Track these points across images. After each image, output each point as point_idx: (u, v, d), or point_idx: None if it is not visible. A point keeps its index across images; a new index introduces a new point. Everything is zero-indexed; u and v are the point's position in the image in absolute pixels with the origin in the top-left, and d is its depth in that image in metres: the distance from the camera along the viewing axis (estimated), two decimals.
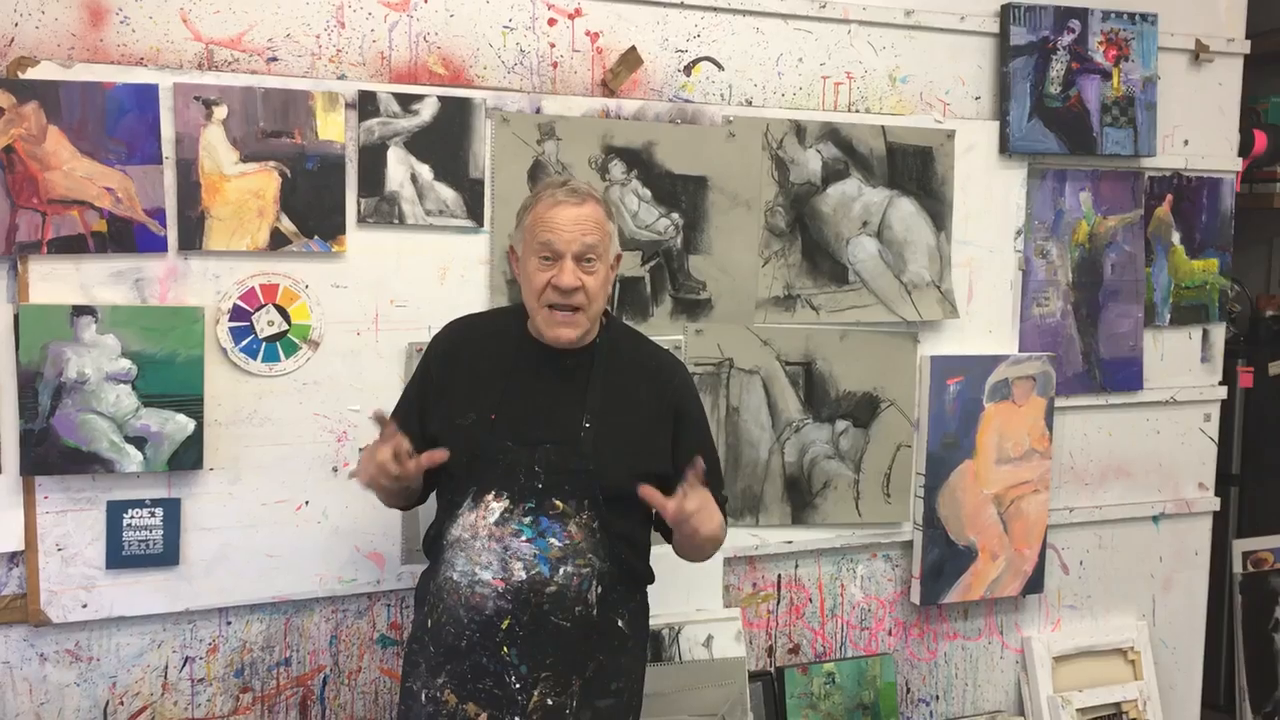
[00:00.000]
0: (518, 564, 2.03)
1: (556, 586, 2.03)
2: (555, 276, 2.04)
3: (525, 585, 2.02)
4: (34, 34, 2.25)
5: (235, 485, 2.44)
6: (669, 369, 2.25)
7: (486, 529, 2.04)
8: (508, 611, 2.02)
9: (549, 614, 2.03)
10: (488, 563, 2.04)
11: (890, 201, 2.93)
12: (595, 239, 2.05)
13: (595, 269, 2.06)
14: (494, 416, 2.09)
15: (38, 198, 2.25)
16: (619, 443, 2.10)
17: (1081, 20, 3.07)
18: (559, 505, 2.05)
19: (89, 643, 2.39)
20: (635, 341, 2.27)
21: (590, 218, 2.06)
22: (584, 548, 2.06)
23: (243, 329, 2.41)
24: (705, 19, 2.76)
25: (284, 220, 2.42)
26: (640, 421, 2.15)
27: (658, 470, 2.12)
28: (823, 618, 3.04)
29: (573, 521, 2.05)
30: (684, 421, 2.20)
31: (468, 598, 2.04)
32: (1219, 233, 3.34)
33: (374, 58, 2.50)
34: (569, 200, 2.06)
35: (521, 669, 2.02)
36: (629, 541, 2.13)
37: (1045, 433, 3.11)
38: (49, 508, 2.31)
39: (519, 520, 2.04)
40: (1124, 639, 3.33)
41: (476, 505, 2.06)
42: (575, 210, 2.05)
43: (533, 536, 2.04)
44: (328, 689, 2.59)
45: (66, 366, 2.27)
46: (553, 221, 2.05)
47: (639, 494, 2.01)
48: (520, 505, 2.05)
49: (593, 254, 2.05)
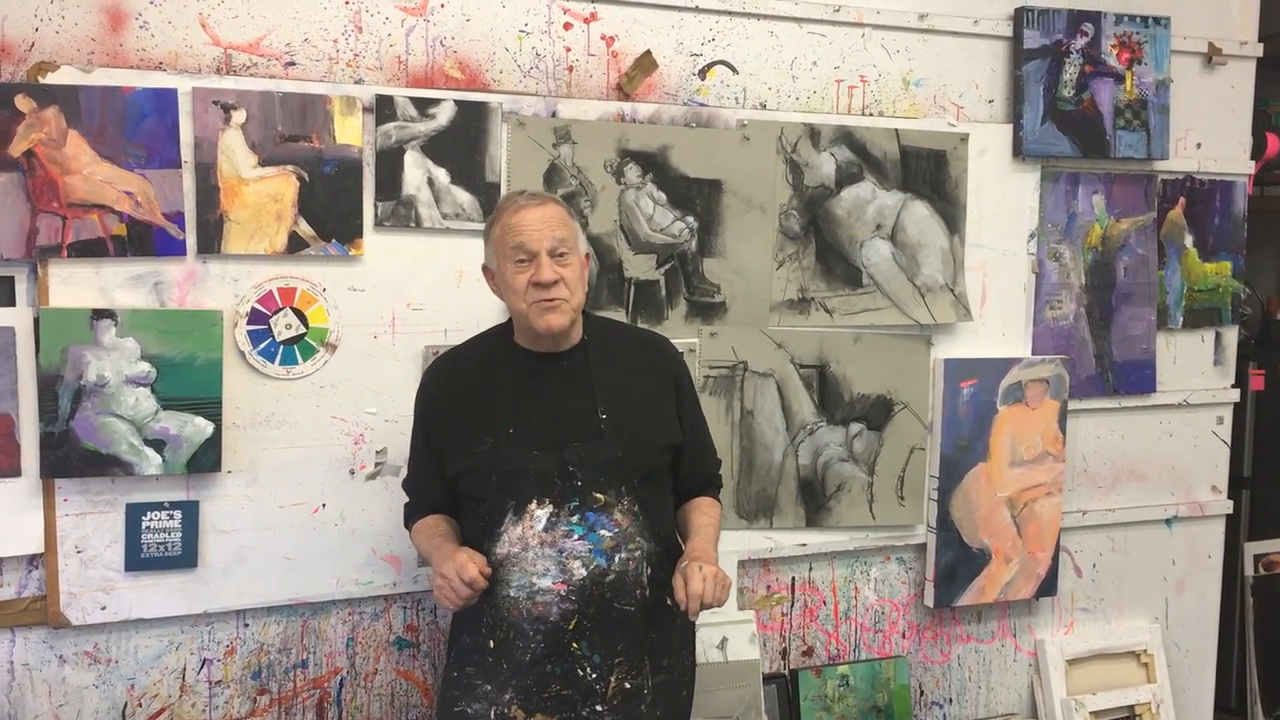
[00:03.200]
0: (576, 563, 2.05)
1: (615, 574, 2.07)
2: (534, 274, 2.07)
3: (588, 581, 2.05)
4: (54, 39, 2.27)
5: (253, 488, 2.45)
6: (658, 344, 2.31)
7: (537, 537, 2.06)
8: (574, 611, 2.05)
9: (612, 601, 2.07)
10: (545, 570, 2.05)
11: (904, 205, 2.93)
12: (564, 233, 2.10)
13: (569, 261, 2.10)
14: (512, 431, 2.11)
15: (58, 202, 2.26)
16: (637, 425, 2.15)
17: (1094, 23, 3.07)
18: (600, 498, 2.08)
19: (108, 645, 2.40)
20: (619, 330, 2.33)
21: (555, 215, 2.11)
22: (632, 532, 2.10)
23: (261, 332, 2.42)
24: (720, 23, 2.77)
25: (302, 224, 2.43)
26: (648, 399, 2.20)
27: (674, 441, 2.21)
28: (836, 620, 3.04)
29: (617, 509, 2.09)
30: (682, 392, 2.27)
31: (529, 610, 2.05)
32: (1231, 235, 3.34)
33: (391, 62, 2.51)
34: (531, 203, 2.11)
35: (595, 659, 2.06)
36: (663, 512, 2.19)
37: (1058, 435, 3.12)
38: (68, 510, 2.32)
39: (568, 521, 2.07)
40: (1137, 641, 3.33)
41: (520, 518, 2.07)
42: (540, 210, 2.10)
43: (584, 533, 2.07)
44: (344, 691, 2.59)
45: (86, 370, 2.28)
46: (521, 224, 2.09)
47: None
48: (565, 506, 2.07)
49: (564, 247, 2.10)
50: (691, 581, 1.99)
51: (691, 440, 2.26)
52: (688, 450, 2.25)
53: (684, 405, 2.26)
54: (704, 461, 2.33)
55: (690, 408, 2.29)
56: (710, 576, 2.01)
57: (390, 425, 2.53)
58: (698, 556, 2.07)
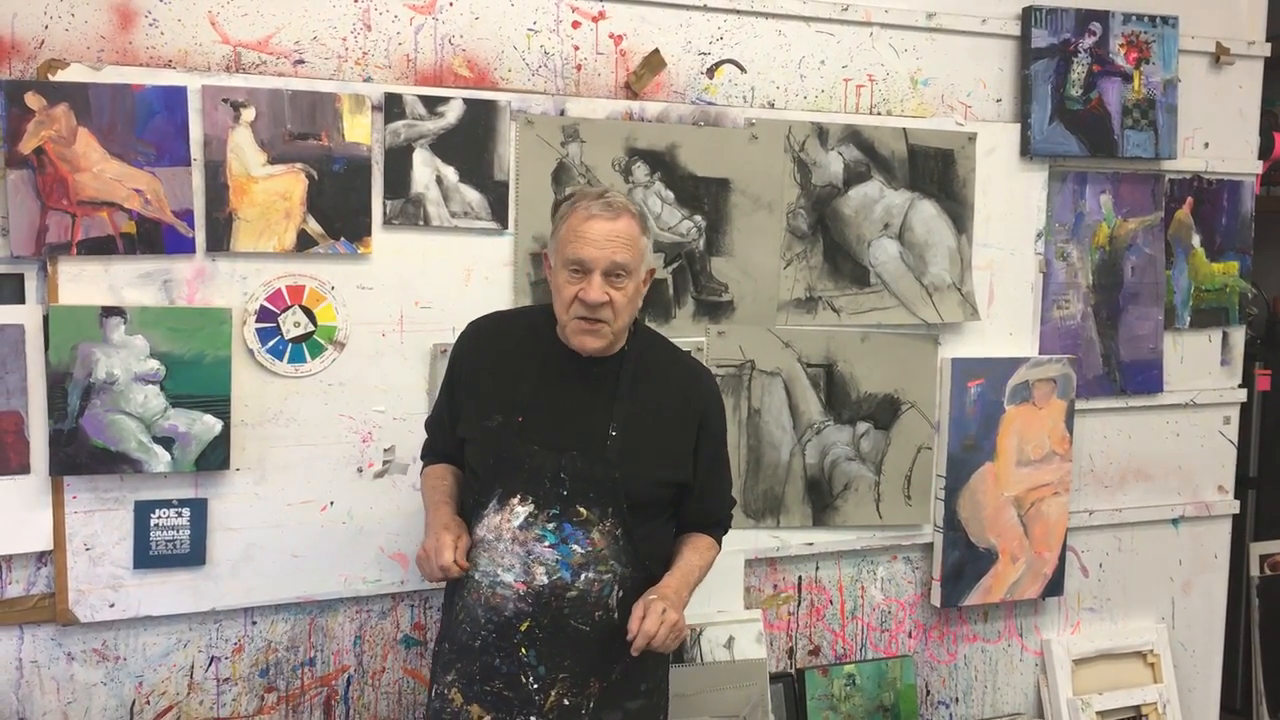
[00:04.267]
0: (540, 568, 2.03)
1: (577, 592, 2.04)
2: (583, 291, 2.02)
3: (546, 590, 2.03)
4: (64, 36, 2.27)
5: (261, 486, 2.45)
6: (696, 377, 2.24)
7: (510, 532, 2.05)
8: (527, 614, 2.03)
9: (569, 618, 2.04)
10: (510, 565, 2.04)
11: (911, 204, 2.93)
12: (626, 257, 2.03)
13: (624, 285, 2.04)
14: (521, 419, 2.09)
15: (67, 199, 2.26)
16: (645, 451, 2.10)
17: (1102, 23, 3.07)
18: (582, 512, 2.05)
19: (116, 642, 2.40)
20: (664, 349, 2.26)
21: (623, 234, 2.03)
22: (606, 554, 2.06)
23: (269, 330, 2.43)
24: (728, 22, 2.77)
25: (310, 222, 2.43)
26: (666, 430, 2.14)
27: (681, 479, 2.15)
28: (843, 619, 3.04)
29: (596, 529, 2.05)
30: (706, 431, 2.19)
31: (488, 598, 2.05)
32: (1239, 235, 3.34)
33: (400, 60, 2.51)
34: (603, 214, 2.03)
35: (540, 670, 2.03)
36: (652, 546, 2.14)
37: (1065, 435, 3.12)
38: (77, 508, 2.33)
39: (543, 526, 2.05)
40: (1144, 642, 3.33)
41: (502, 508, 2.07)
42: (608, 225, 2.03)
43: (555, 543, 2.04)
44: (352, 689, 2.60)
45: (95, 367, 2.29)
46: (585, 235, 2.02)
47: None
48: (545, 511, 2.05)
49: (622, 270, 2.03)
50: (648, 619, 1.97)
51: (705, 481, 2.20)
52: (697, 490, 2.19)
53: (703, 443, 2.18)
54: (712, 503, 2.26)
55: (711, 448, 2.21)
56: (668, 623, 1.98)
57: (398, 423, 2.53)
58: (666, 596, 2.03)
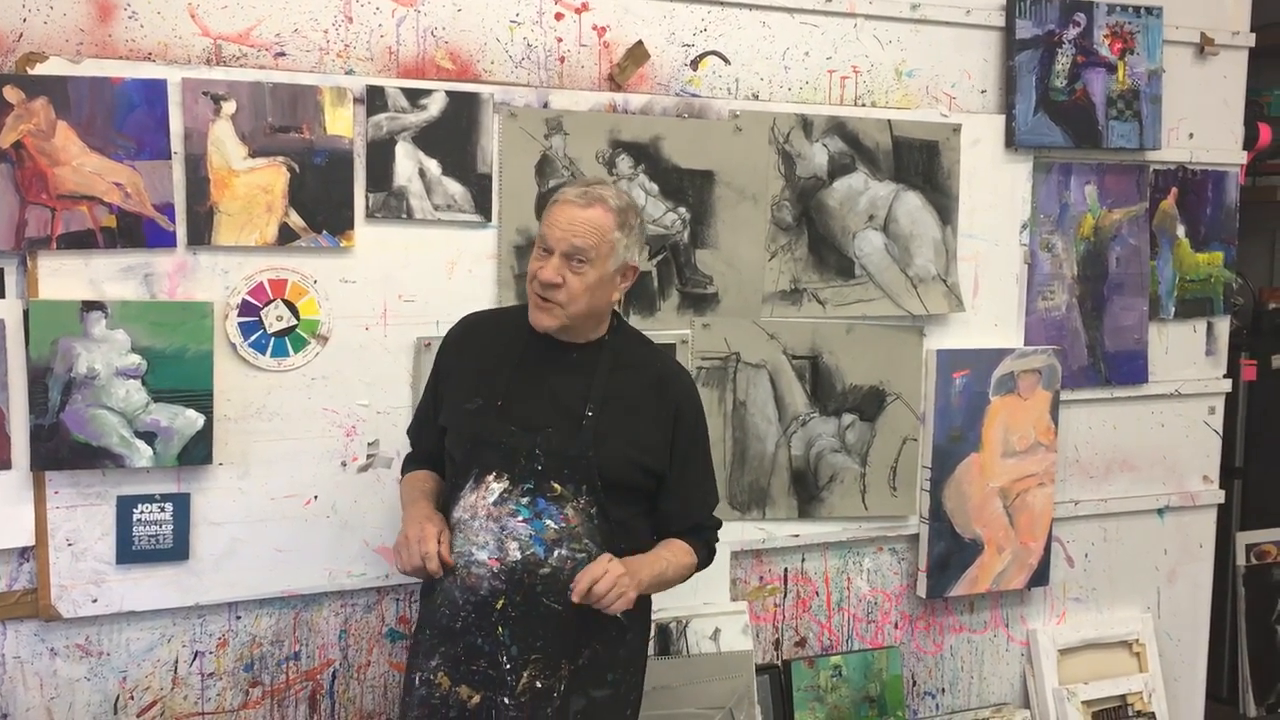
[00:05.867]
0: (513, 544, 2.05)
1: (550, 569, 2.05)
2: (540, 269, 2.08)
3: (519, 565, 2.05)
4: (42, 29, 2.25)
5: (244, 480, 2.44)
6: (673, 374, 2.28)
7: (485, 509, 2.07)
8: (501, 592, 2.05)
9: (541, 595, 2.05)
10: (484, 542, 2.06)
11: (896, 195, 2.93)
12: (587, 243, 2.06)
13: (583, 270, 2.07)
14: (500, 403, 2.13)
15: (47, 193, 2.25)
16: (619, 433, 2.13)
17: (1087, 13, 3.07)
18: (557, 488, 2.07)
19: (99, 637, 2.40)
20: (644, 345, 2.29)
21: (590, 221, 2.07)
22: (580, 533, 2.08)
23: (251, 324, 2.42)
24: (712, 13, 2.76)
25: (292, 215, 2.42)
26: (641, 417, 2.17)
27: (655, 467, 2.17)
28: (829, 611, 3.04)
29: (570, 505, 2.08)
30: (682, 425, 2.20)
31: (464, 578, 2.07)
32: (1224, 226, 3.35)
33: (382, 53, 2.50)
34: (577, 202, 2.09)
35: (513, 650, 2.05)
36: (627, 530, 2.15)
37: (1050, 426, 3.12)
38: (59, 503, 2.32)
39: (516, 500, 2.07)
40: (1129, 631, 3.34)
41: (477, 486, 2.09)
42: (577, 212, 2.08)
43: (529, 517, 2.06)
44: (337, 683, 2.59)
45: (76, 362, 2.28)
46: (553, 218, 2.09)
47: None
48: (519, 486, 2.07)
49: (582, 256, 2.06)
50: (594, 566, 2.01)
51: (680, 476, 2.20)
52: (672, 484, 2.19)
53: (679, 439, 2.19)
54: (691, 503, 2.24)
55: (687, 445, 2.21)
56: (614, 576, 1.99)
57: (382, 417, 2.52)
58: (627, 562, 2.06)
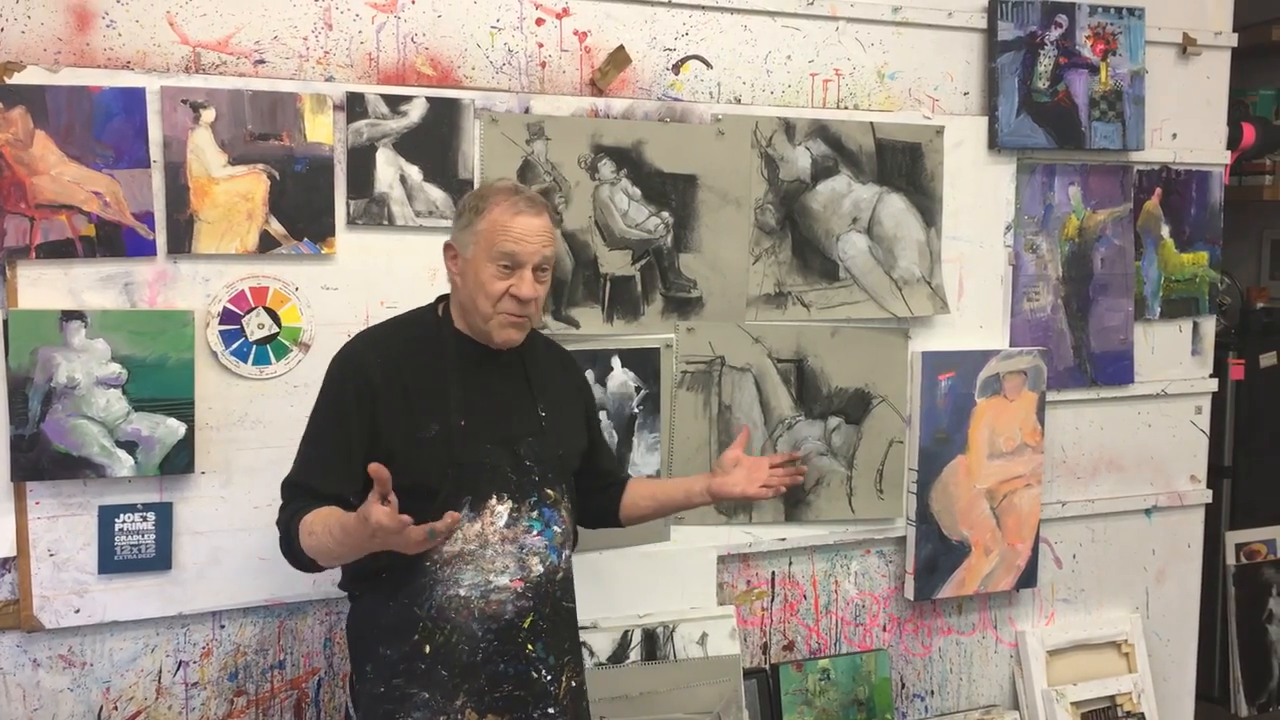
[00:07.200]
0: (534, 559, 2.05)
1: (563, 571, 2.10)
2: (514, 286, 2.02)
3: (543, 578, 2.05)
4: (19, 38, 2.25)
5: (227, 489, 2.43)
6: (569, 356, 2.36)
7: (497, 534, 2.02)
8: (529, 609, 2.03)
9: (561, 599, 2.09)
10: (503, 567, 2.02)
11: (880, 198, 2.93)
12: (551, 251, 2.08)
13: (545, 279, 2.08)
14: (463, 423, 2.04)
15: (25, 203, 2.24)
16: (566, 425, 2.20)
17: (1069, 15, 3.08)
18: (551, 494, 2.09)
19: (82, 648, 2.39)
20: (537, 335, 2.26)
21: (547, 230, 2.07)
22: (570, 528, 2.14)
23: (233, 332, 2.41)
24: (693, 17, 2.76)
25: (273, 223, 2.42)
26: (570, 403, 2.26)
27: (586, 446, 2.28)
28: (817, 614, 3.04)
29: (561, 506, 2.11)
30: (585, 393, 2.36)
31: (482, 609, 2.00)
32: (1208, 225, 3.35)
33: (362, 59, 2.50)
34: (529, 210, 2.03)
35: (550, 660, 2.05)
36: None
37: (1037, 427, 3.12)
38: (40, 513, 2.31)
39: (528, 516, 2.05)
40: (1118, 632, 3.34)
41: (479, 514, 2.01)
42: (536, 221, 2.04)
43: (542, 529, 2.07)
44: (322, 691, 2.59)
45: (56, 371, 2.27)
46: (514, 231, 2.01)
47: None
48: (525, 501, 2.06)
49: (547, 264, 2.07)
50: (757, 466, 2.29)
51: (597, 443, 2.35)
52: (597, 446, 2.34)
53: (590, 408, 2.36)
54: (609, 463, 2.42)
55: (594, 415, 2.39)
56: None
57: None
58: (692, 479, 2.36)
